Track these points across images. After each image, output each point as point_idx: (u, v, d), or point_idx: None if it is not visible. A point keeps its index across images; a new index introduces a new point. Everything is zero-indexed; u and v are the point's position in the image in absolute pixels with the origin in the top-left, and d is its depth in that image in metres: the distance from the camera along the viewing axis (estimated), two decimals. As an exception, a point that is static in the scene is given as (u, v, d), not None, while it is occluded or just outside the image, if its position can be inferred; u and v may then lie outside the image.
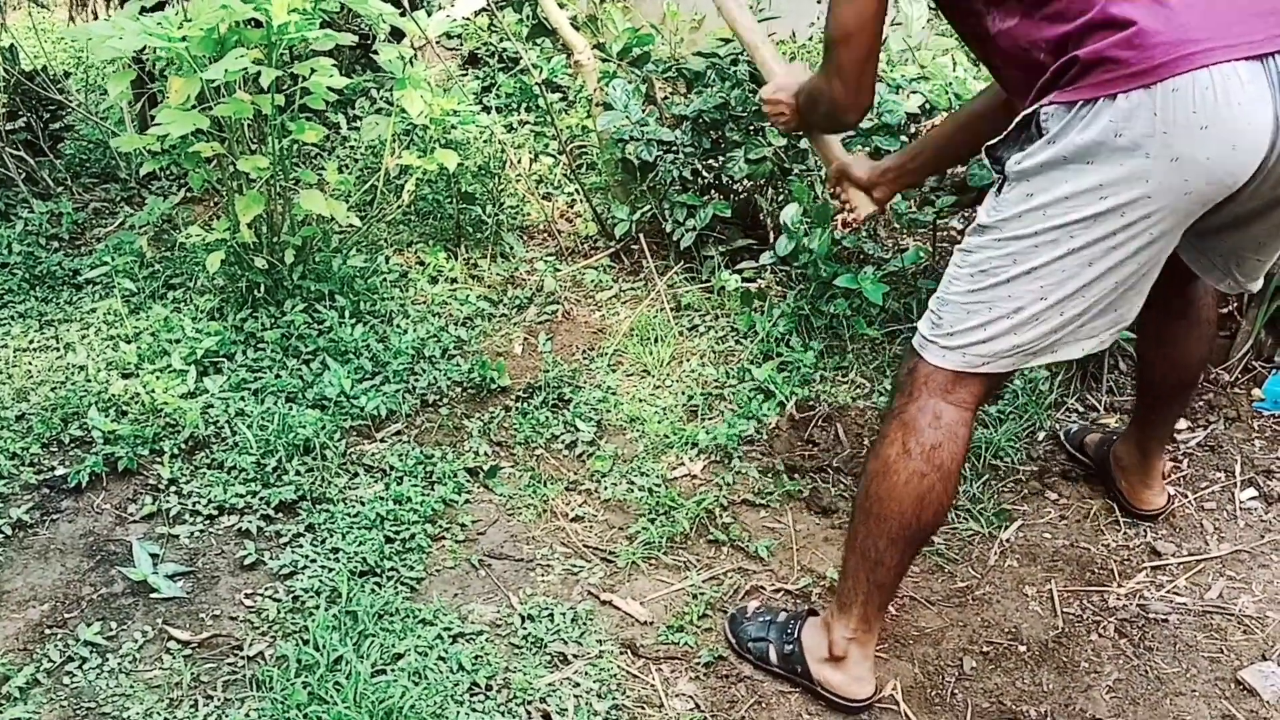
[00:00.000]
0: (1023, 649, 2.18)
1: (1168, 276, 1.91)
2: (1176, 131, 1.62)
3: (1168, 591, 2.30)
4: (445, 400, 2.83)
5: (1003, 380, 1.99)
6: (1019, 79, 1.80)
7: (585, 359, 3.02)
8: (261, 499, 2.46)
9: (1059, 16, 1.71)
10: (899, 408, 1.92)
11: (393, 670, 2.05)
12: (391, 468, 2.58)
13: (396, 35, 3.87)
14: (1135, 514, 2.48)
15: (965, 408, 1.89)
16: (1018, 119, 1.77)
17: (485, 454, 2.66)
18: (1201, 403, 2.82)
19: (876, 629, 2.04)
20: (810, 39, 4.08)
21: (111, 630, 2.16)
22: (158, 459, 2.57)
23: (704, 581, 2.32)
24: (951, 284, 1.88)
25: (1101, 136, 1.66)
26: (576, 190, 3.64)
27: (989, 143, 1.82)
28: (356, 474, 2.56)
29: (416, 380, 2.86)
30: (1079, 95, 1.67)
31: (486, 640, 2.15)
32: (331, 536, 2.37)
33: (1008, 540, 2.44)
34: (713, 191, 3.37)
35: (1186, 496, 2.55)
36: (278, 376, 2.80)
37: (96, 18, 3.96)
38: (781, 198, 3.21)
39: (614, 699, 2.04)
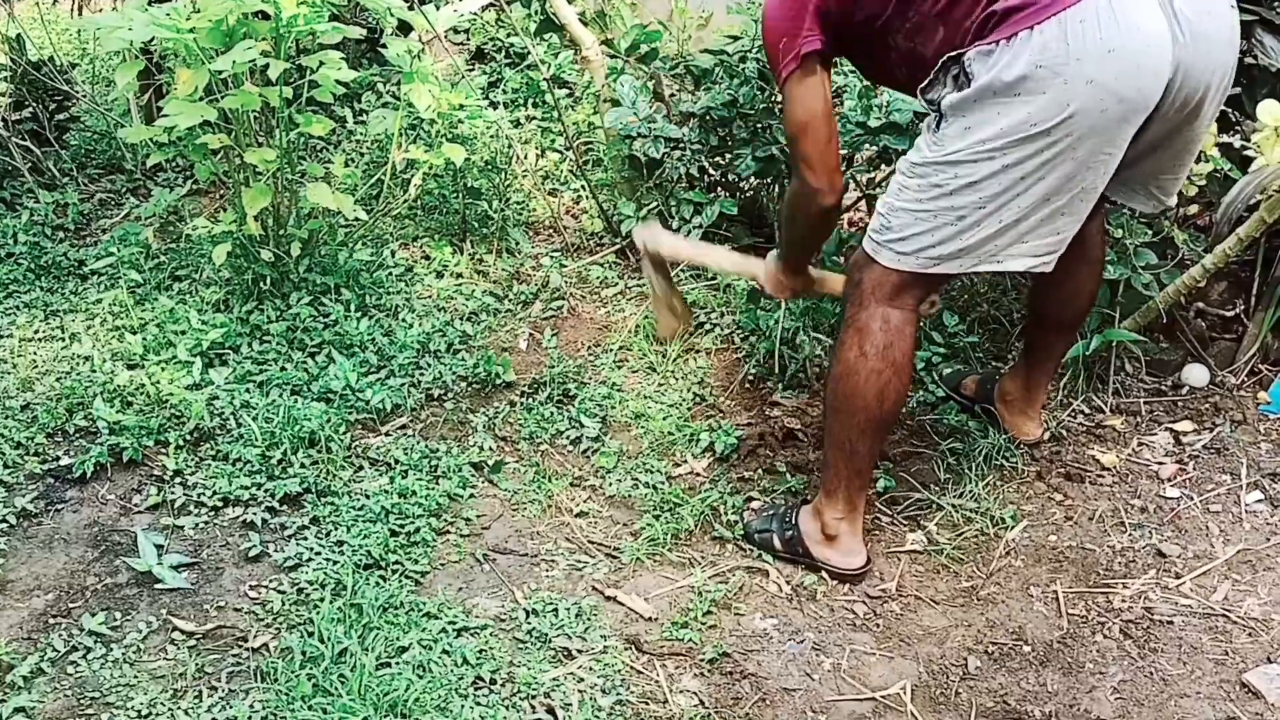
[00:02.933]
0: (1028, 649, 2.18)
1: None
2: (1087, 57, 1.85)
3: (1173, 593, 2.30)
4: (450, 395, 2.83)
5: (943, 283, 2.25)
6: (922, 77, 2.03)
7: (590, 355, 3.02)
8: (266, 491, 2.46)
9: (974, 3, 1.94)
10: (851, 316, 2.18)
11: (397, 663, 2.05)
12: (396, 461, 2.58)
13: (404, 29, 3.86)
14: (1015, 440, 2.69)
15: (909, 309, 2.16)
16: (942, 60, 1.98)
17: (490, 449, 2.65)
18: (1208, 405, 2.82)
19: (861, 508, 2.31)
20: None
21: (116, 620, 2.16)
22: (163, 450, 2.57)
23: (709, 578, 2.32)
24: (901, 193, 2.09)
25: (1025, 70, 1.88)
26: (583, 186, 3.63)
27: (921, 85, 2.04)
28: (361, 467, 2.56)
29: (422, 375, 2.86)
30: (999, 36, 1.90)
31: (491, 634, 2.15)
32: (336, 529, 2.36)
33: (1013, 541, 2.44)
34: (719, 189, 3.37)
35: (1192, 499, 2.55)
36: (283, 369, 2.80)
37: (79, 9, 3.95)
38: (788, 196, 3.20)
39: (618, 694, 2.04)
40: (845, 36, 2.10)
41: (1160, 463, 2.66)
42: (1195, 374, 2.88)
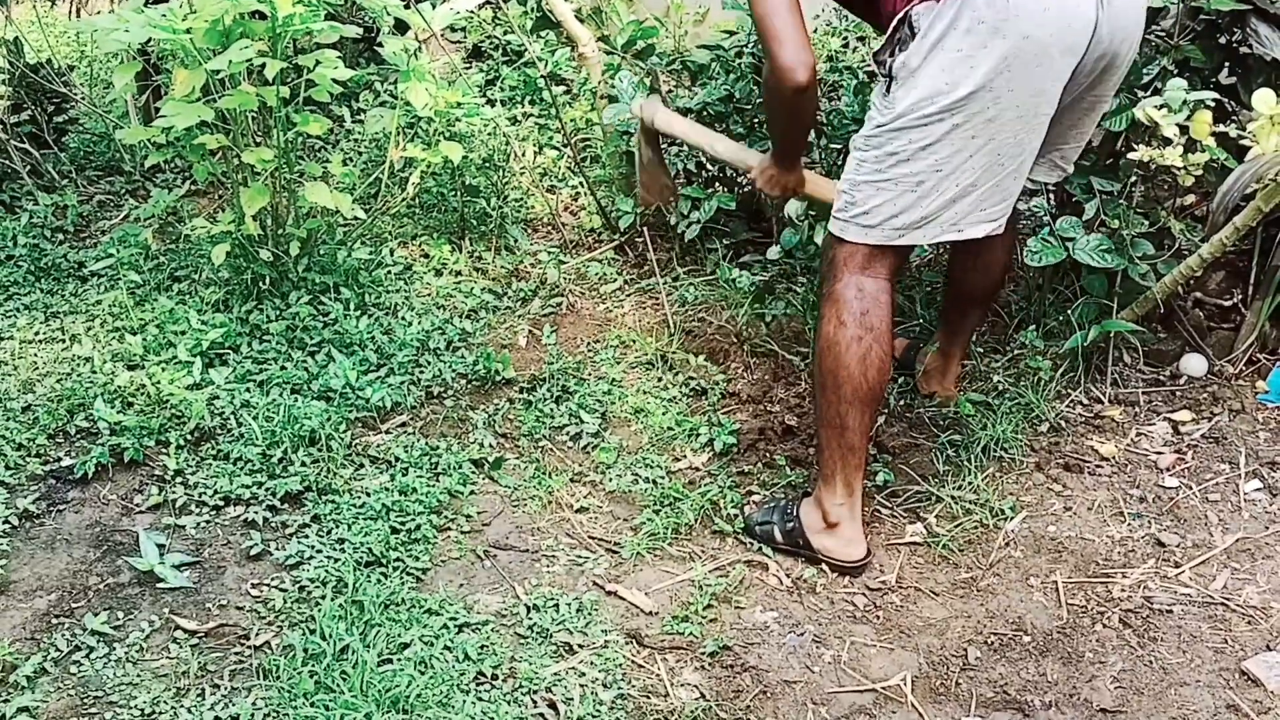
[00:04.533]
0: (1027, 639, 2.18)
1: None
2: (1024, 14, 1.98)
3: (1172, 582, 2.30)
4: (450, 392, 2.83)
5: (909, 254, 2.34)
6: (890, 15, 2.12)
7: (589, 351, 3.02)
8: (267, 490, 2.46)
9: None
10: (827, 291, 2.24)
11: (399, 659, 2.06)
12: (397, 459, 2.58)
13: (401, 28, 3.86)
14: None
15: (883, 279, 2.21)
16: (891, 26, 2.08)
17: (490, 446, 2.66)
18: (1206, 395, 2.82)
19: (859, 493, 2.31)
20: (816, 30, 4.07)
21: (118, 620, 2.16)
22: (164, 450, 2.58)
23: (709, 572, 2.33)
24: (860, 167, 2.17)
25: (967, 25, 1.99)
26: (581, 183, 3.64)
27: (874, 51, 2.14)
28: (362, 465, 2.57)
29: (421, 372, 2.87)
30: None
31: (492, 630, 2.16)
32: (337, 527, 2.37)
33: (1012, 531, 2.44)
34: (717, 184, 3.37)
35: (1191, 488, 2.55)
36: (283, 368, 2.80)
37: (77, 11, 3.96)
38: (786, 190, 3.20)
39: (619, 688, 2.05)
40: None
41: (1159, 452, 2.66)
42: (1193, 364, 2.88)
